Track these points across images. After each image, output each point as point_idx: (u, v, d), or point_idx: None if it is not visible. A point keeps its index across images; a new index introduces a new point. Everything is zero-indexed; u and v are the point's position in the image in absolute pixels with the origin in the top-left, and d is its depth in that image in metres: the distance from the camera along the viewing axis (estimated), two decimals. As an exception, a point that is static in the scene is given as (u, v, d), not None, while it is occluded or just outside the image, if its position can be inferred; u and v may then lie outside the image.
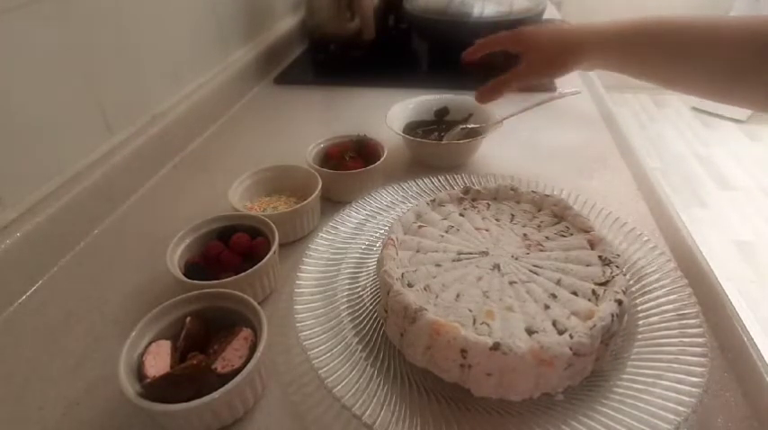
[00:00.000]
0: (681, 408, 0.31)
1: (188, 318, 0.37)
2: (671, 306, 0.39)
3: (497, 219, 0.45)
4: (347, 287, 0.43)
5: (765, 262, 1.88)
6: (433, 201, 0.47)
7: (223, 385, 0.32)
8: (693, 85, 0.50)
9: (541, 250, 0.41)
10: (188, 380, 0.32)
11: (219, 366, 0.34)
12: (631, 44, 0.51)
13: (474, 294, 0.37)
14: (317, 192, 0.52)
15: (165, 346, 0.36)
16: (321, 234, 0.48)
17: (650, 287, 0.41)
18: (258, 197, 0.56)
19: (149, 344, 0.36)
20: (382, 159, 0.58)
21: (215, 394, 0.32)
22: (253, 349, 0.35)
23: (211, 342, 0.36)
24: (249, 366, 0.33)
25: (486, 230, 0.44)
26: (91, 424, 0.36)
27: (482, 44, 0.60)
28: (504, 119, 0.64)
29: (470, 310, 0.35)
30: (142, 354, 0.35)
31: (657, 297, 0.40)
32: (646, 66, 0.52)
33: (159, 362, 0.34)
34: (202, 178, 0.66)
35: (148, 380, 0.33)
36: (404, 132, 0.65)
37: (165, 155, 0.68)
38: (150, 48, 0.66)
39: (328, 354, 0.36)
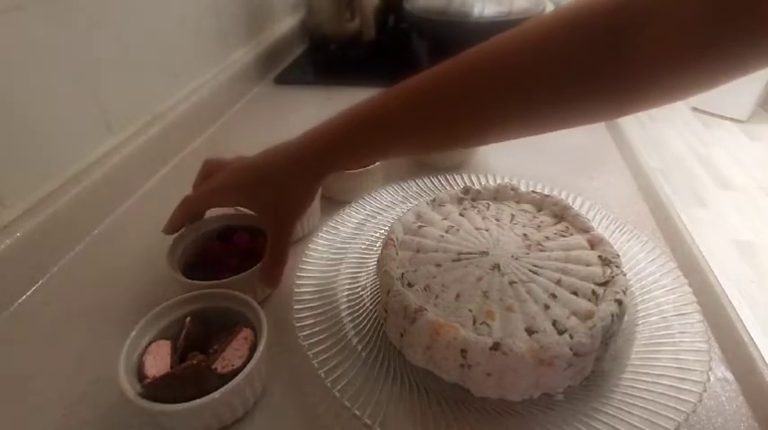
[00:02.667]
0: (681, 408, 0.31)
1: (188, 318, 0.37)
2: (671, 306, 0.39)
3: (497, 220, 0.45)
4: (347, 287, 0.43)
5: (765, 262, 1.88)
6: (433, 201, 0.47)
7: (223, 385, 0.32)
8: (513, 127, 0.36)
9: (541, 250, 0.41)
10: (188, 380, 0.32)
11: (219, 366, 0.34)
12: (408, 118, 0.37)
13: (474, 294, 0.37)
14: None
15: (165, 346, 0.36)
16: (321, 234, 0.48)
17: (650, 287, 0.41)
18: (258, 197, 0.56)
19: (149, 344, 0.36)
20: (382, 159, 0.58)
21: (215, 394, 0.32)
22: (253, 349, 0.35)
23: (211, 342, 0.36)
24: (249, 366, 0.33)
25: (486, 230, 0.44)
26: (91, 423, 0.36)
27: (181, 218, 0.45)
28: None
29: (470, 310, 0.35)
30: (142, 354, 0.35)
31: (657, 297, 0.40)
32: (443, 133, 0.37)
33: (159, 362, 0.34)
34: (202, 178, 0.66)
35: (148, 380, 0.33)
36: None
37: (165, 155, 0.68)
38: (150, 48, 0.66)
39: (328, 354, 0.36)
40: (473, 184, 0.54)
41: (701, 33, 0.26)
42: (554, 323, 0.35)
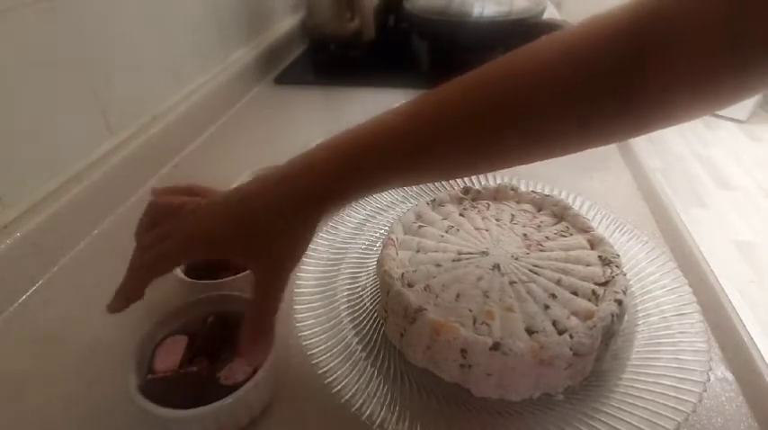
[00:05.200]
0: (681, 408, 0.31)
1: (210, 318, 0.37)
2: (671, 306, 0.39)
3: (497, 220, 0.45)
4: (347, 287, 0.43)
5: (765, 262, 1.88)
6: (433, 201, 0.47)
7: (223, 396, 0.31)
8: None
9: (541, 250, 0.41)
10: (186, 386, 0.32)
11: (223, 376, 0.33)
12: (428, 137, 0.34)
13: (474, 294, 0.37)
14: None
15: (180, 342, 0.35)
16: (321, 234, 0.48)
17: (650, 287, 0.41)
18: (258, 197, 0.56)
19: (166, 337, 0.35)
20: (382, 159, 0.58)
21: (207, 407, 0.31)
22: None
23: (226, 347, 0.35)
24: (243, 389, 0.32)
25: (486, 230, 0.44)
26: (91, 423, 0.36)
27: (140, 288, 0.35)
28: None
29: (470, 310, 0.35)
30: (157, 346, 0.35)
31: (657, 297, 0.40)
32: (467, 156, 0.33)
33: (170, 357, 0.34)
34: (202, 178, 0.65)
35: (150, 376, 0.33)
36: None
37: (165, 155, 0.68)
38: (151, 47, 0.66)
39: (328, 354, 0.36)
40: (473, 184, 0.54)
41: (722, 36, 0.26)
42: (554, 323, 0.35)
